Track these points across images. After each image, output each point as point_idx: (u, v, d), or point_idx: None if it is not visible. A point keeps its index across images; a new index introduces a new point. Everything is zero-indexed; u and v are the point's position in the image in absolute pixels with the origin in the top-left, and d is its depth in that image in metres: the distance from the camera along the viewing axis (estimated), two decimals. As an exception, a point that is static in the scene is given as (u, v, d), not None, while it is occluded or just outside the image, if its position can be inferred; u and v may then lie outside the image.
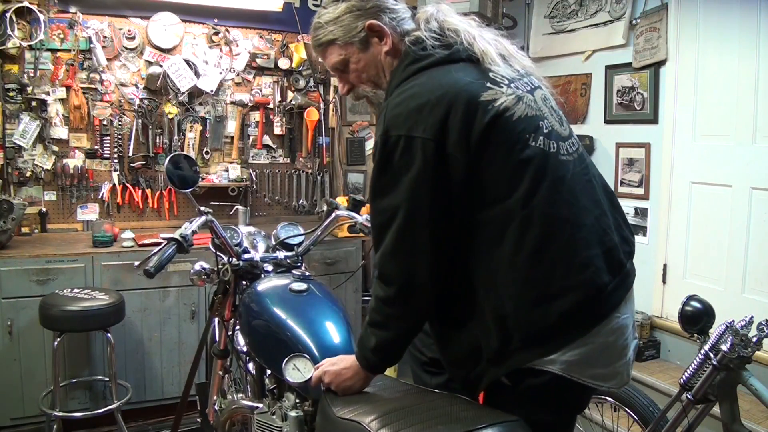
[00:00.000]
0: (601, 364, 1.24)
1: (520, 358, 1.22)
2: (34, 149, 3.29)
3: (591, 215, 1.26)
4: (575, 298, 1.20)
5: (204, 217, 1.86)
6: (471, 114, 1.20)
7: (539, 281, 1.20)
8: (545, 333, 1.21)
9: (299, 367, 1.54)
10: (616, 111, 3.49)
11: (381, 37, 1.37)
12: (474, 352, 1.27)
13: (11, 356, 2.80)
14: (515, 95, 1.26)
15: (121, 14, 3.42)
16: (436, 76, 1.27)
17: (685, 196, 3.17)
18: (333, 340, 1.64)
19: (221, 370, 2.10)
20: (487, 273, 1.23)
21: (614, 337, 1.25)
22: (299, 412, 1.59)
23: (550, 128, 1.28)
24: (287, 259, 2.01)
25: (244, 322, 1.84)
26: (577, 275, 1.21)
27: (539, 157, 1.23)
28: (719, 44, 2.98)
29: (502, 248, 1.21)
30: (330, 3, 1.41)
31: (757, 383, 1.75)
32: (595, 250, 1.24)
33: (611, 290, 1.24)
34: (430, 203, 1.22)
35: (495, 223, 1.21)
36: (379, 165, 1.26)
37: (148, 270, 1.63)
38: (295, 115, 3.89)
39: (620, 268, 1.28)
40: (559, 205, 1.22)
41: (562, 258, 1.21)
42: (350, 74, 1.43)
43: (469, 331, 1.28)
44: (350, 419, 1.26)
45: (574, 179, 1.27)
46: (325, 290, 1.86)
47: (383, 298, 1.30)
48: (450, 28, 1.32)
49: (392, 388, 1.43)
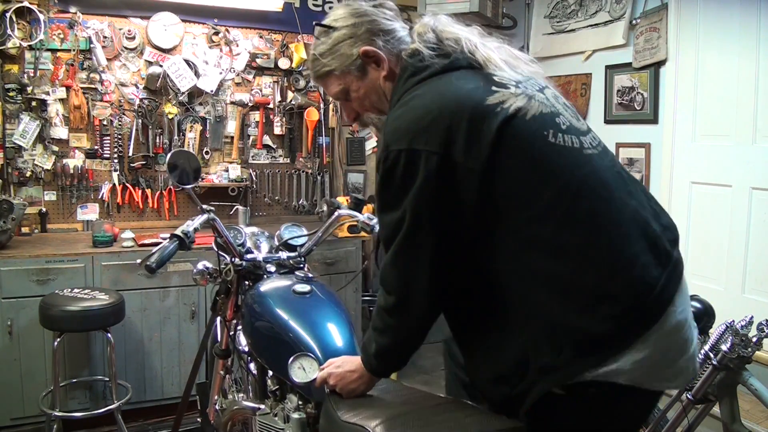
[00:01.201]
0: (666, 364, 1.16)
1: (574, 368, 1.12)
2: (34, 149, 3.29)
3: (628, 208, 1.18)
4: (626, 299, 1.12)
5: (206, 215, 1.86)
6: (477, 121, 1.15)
7: (586, 285, 1.12)
8: (600, 339, 1.11)
9: (305, 367, 1.53)
10: (616, 111, 3.49)
11: (377, 62, 1.33)
12: (520, 364, 1.17)
13: (11, 356, 2.79)
14: (525, 94, 1.20)
15: (121, 14, 3.42)
16: (436, 86, 1.23)
17: (685, 196, 3.17)
18: (336, 341, 1.64)
19: (222, 370, 2.10)
20: (523, 283, 1.16)
21: (675, 335, 1.16)
22: (302, 414, 1.59)
23: (568, 123, 1.22)
24: (290, 259, 2.01)
25: (247, 323, 1.83)
26: (624, 274, 1.13)
27: (563, 154, 1.17)
28: (719, 44, 2.98)
29: (537, 256, 1.14)
30: (322, 33, 1.37)
31: (757, 383, 1.76)
32: (639, 244, 1.16)
33: (663, 284, 1.15)
34: (433, 217, 1.18)
35: (524, 229, 1.15)
36: (381, 180, 1.23)
37: (150, 266, 1.63)
38: (295, 115, 3.89)
39: (668, 259, 1.18)
40: (594, 201, 1.16)
41: (606, 257, 1.13)
42: (353, 102, 1.41)
43: (512, 343, 1.19)
44: (355, 423, 1.26)
45: (604, 173, 1.20)
46: (328, 292, 1.85)
47: (383, 306, 1.30)
48: (449, 37, 1.28)
49: (397, 392, 1.43)
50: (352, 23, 1.33)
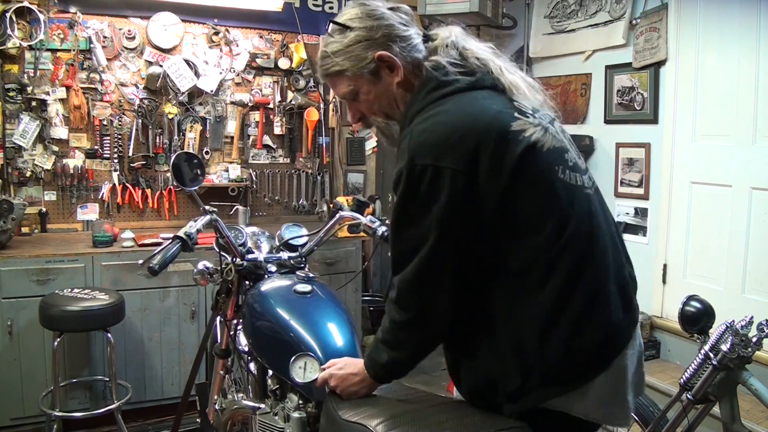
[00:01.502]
0: (614, 403, 1.23)
1: (538, 395, 1.18)
2: (34, 149, 3.29)
3: (610, 250, 1.25)
4: (597, 336, 1.18)
5: (209, 216, 1.86)
6: (503, 145, 1.16)
7: (564, 318, 1.16)
8: (567, 371, 1.17)
9: (306, 367, 1.53)
10: (616, 111, 3.49)
11: (392, 68, 1.30)
12: (490, 385, 1.23)
13: (11, 356, 2.79)
14: (541, 126, 1.23)
15: (121, 14, 3.42)
16: (463, 104, 1.22)
17: (685, 196, 3.17)
18: (337, 342, 1.64)
19: (222, 369, 2.10)
20: (509, 305, 1.20)
21: (625, 375, 1.23)
22: (302, 413, 1.59)
23: (573, 161, 1.26)
24: (291, 259, 2.01)
25: (248, 323, 1.83)
26: (599, 313, 1.19)
27: (568, 190, 1.21)
28: (719, 44, 2.99)
29: (528, 281, 1.18)
30: (336, 31, 1.33)
31: (757, 383, 1.76)
32: (612, 287, 1.22)
33: (625, 327, 1.23)
34: (457, 235, 1.18)
35: (524, 255, 1.18)
36: (404, 193, 1.20)
37: (152, 267, 1.64)
38: (295, 115, 3.89)
39: (630, 305, 1.27)
40: (587, 239, 1.20)
41: (587, 295, 1.18)
42: (361, 104, 1.38)
43: (485, 364, 1.24)
44: (356, 422, 1.26)
45: (596, 214, 1.25)
46: (329, 292, 1.85)
47: (398, 321, 1.28)
48: (476, 56, 1.28)
49: (398, 391, 1.43)
50: (369, 26, 1.30)
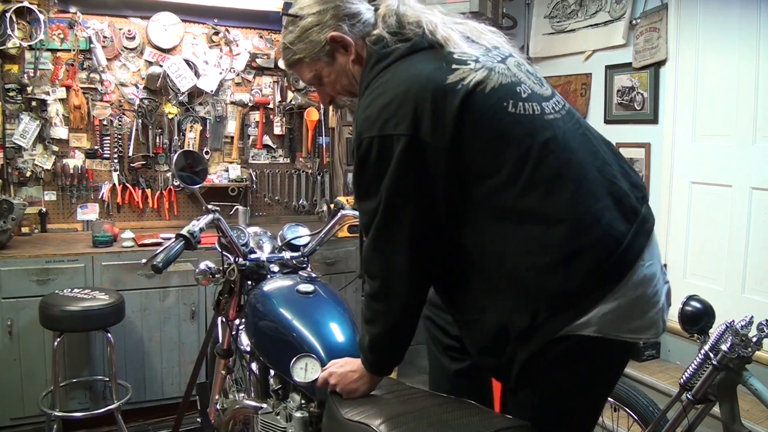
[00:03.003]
0: (635, 316, 1.20)
1: (549, 328, 1.17)
2: (34, 149, 3.29)
3: (592, 167, 1.23)
4: (595, 254, 1.17)
5: (212, 215, 1.86)
6: (439, 100, 1.19)
7: (554, 245, 1.17)
8: (571, 296, 1.17)
9: (307, 368, 1.53)
10: (616, 111, 3.49)
11: (345, 47, 1.35)
12: (500, 333, 1.22)
13: (11, 356, 2.79)
14: (485, 67, 1.23)
15: (121, 14, 3.42)
16: (400, 71, 1.26)
17: (685, 196, 3.17)
18: (339, 342, 1.64)
19: (224, 369, 2.10)
20: (495, 251, 1.21)
21: (643, 287, 1.20)
22: (304, 413, 1.59)
23: (529, 91, 1.26)
24: (293, 259, 2.01)
25: (250, 323, 1.83)
26: (591, 231, 1.18)
27: (522, 122, 1.21)
28: (719, 44, 2.99)
29: (504, 222, 1.19)
30: (290, 22, 1.39)
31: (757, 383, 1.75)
32: (604, 201, 1.21)
33: (630, 239, 1.20)
34: (408, 198, 1.21)
35: (490, 199, 1.20)
36: (356, 169, 1.27)
37: (156, 265, 1.64)
38: (295, 115, 3.89)
39: (635, 214, 1.24)
40: (555, 165, 1.20)
41: (571, 216, 1.18)
42: (326, 87, 1.44)
43: (491, 314, 1.24)
44: (358, 421, 1.26)
45: (566, 135, 1.24)
46: (331, 292, 1.86)
47: (369, 293, 1.33)
48: (410, 21, 1.30)
49: (400, 391, 1.43)
50: (318, 10, 1.35)
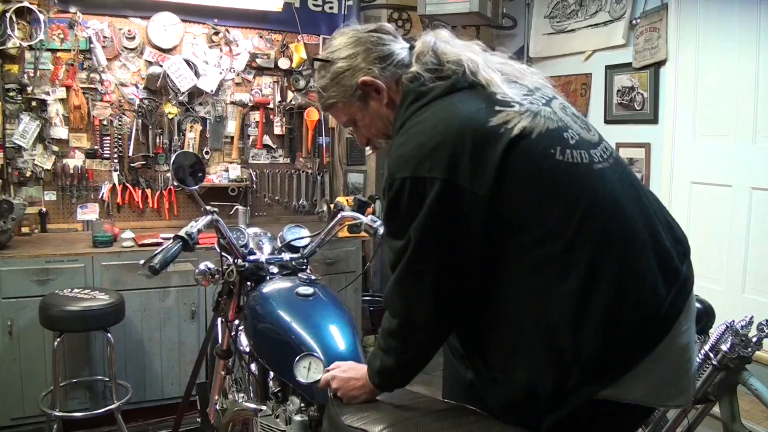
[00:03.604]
0: (670, 384, 1.16)
1: (581, 393, 1.11)
2: (34, 149, 3.29)
3: (639, 223, 1.16)
4: (635, 318, 1.10)
5: (210, 216, 1.86)
6: (481, 143, 1.13)
7: (595, 306, 1.09)
8: (607, 361, 1.10)
9: (311, 367, 1.52)
10: (616, 111, 3.49)
11: (377, 90, 1.32)
12: (530, 394, 1.15)
13: (11, 356, 2.79)
14: (530, 111, 1.18)
15: (121, 14, 3.42)
16: (439, 110, 1.21)
17: (685, 196, 3.17)
18: (339, 345, 1.63)
19: (223, 370, 2.09)
20: (532, 305, 1.14)
21: (678, 355, 1.16)
22: (304, 417, 1.59)
23: (577, 137, 1.19)
24: (293, 261, 2.01)
25: (249, 325, 1.83)
26: (634, 293, 1.11)
27: (571, 171, 1.15)
28: (719, 44, 2.98)
29: (545, 277, 1.12)
30: (320, 67, 1.38)
31: (757, 383, 1.76)
32: (649, 261, 1.14)
33: (670, 303, 1.14)
34: (437, 245, 1.16)
35: (532, 251, 1.13)
36: (387, 209, 1.21)
37: (153, 267, 1.63)
38: (295, 115, 3.89)
39: (677, 276, 1.17)
40: (604, 220, 1.13)
41: (617, 277, 1.11)
42: (361, 129, 1.42)
43: (520, 373, 1.16)
44: (359, 428, 1.26)
45: (615, 187, 1.17)
46: (331, 295, 1.85)
47: (387, 329, 1.29)
48: (450, 59, 1.25)
49: (401, 396, 1.42)
50: (349, 54, 1.33)
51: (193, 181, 1.95)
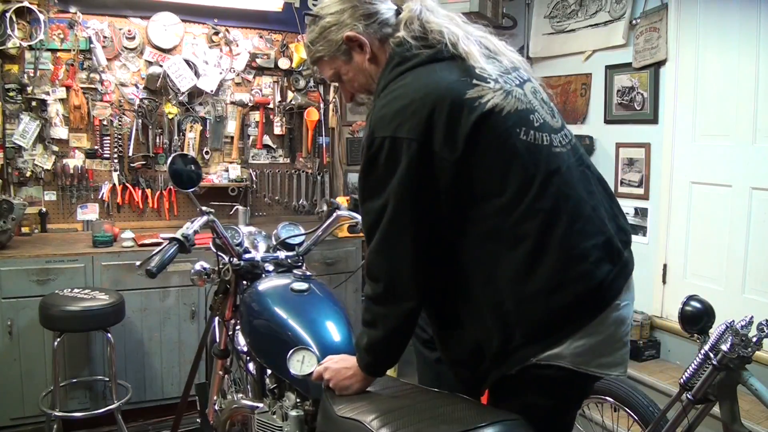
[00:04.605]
0: (606, 353, 1.26)
1: (523, 354, 1.23)
2: (34, 149, 3.29)
3: (588, 206, 1.27)
4: (576, 290, 1.21)
5: (206, 216, 1.86)
6: (456, 113, 1.21)
7: (539, 275, 1.20)
8: (548, 327, 1.22)
9: (304, 360, 1.53)
10: (616, 111, 3.49)
11: (361, 46, 1.38)
12: (476, 351, 1.28)
13: (11, 356, 2.79)
14: (503, 90, 1.26)
15: (121, 14, 3.42)
16: (421, 76, 1.27)
17: (685, 196, 3.17)
18: (334, 339, 1.64)
19: (221, 370, 2.10)
20: (484, 270, 1.24)
21: (616, 326, 1.27)
22: (300, 412, 1.60)
23: (541, 121, 1.29)
24: (288, 258, 2.01)
25: (245, 322, 1.84)
26: (576, 267, 1.22)
27: (531, 150, 1.24)
28: (719, 44, 2.98)
29: (498, 244, 1.22)
30: (311, 22, 1.44)
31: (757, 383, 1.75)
32: (593, 240, 1.25)
33: (611, 279, 1.25)
34: (415, 203, 1.23)
35: (489, 219, 1.22)
36: (365, 167, 1.28)
37: (150, 270, 1.63)
38: (295, 115, 3.89)
39: (619, 257, 1.29)
40: (555, 198, 1.23)
41: (561, 251, 1.21)
42: (345, 84, 1.47)
43: (469, 331, 1.29)
44: (351, 418, 1.27)
45: (569, 171, 1.28)
46: (326, 290, 1.86)
47: (371, 296, 1.33)
48: (433, 29, 1.32)
49: (393, 387, 1.44)
50: (336, 10, 1.39)
51: (190, 184, 1.94)
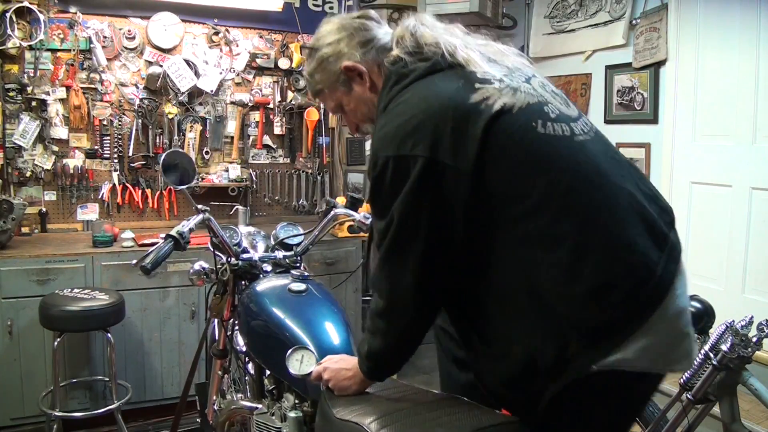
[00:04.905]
0: (673, 348, 1.16)
1: (581, 362, 1.11)
2: (34, 149, 3.29)
3: (624, 192, 1.17)
4: (628, 284, 1.11)
5: (201, 215, 1.86)
6: (462, 121, 1.15)
7: (586, 275, 1.10)
8: (605, 329, 1.10)
9: (303, 360, 1.52)
10: (616, 111, 3.49)
11: (360, 75, 1.34)
12: (529, 365, 1.15)
13: (11, 356, 2.79)
14: (510, 87, 1.19)
15: (121, 14, 3.42)
16: (420, 90, 1.22)
17: (685, 196, 3.17)
18: (332, 340, 1.64)
19: (220, 370, 2.10)
20: (524, 278, 1.14)
21: (677, 318, 1.15)
22: (298, 413, 1.59)
23: (557, 111, 1.21)
24: (286, 259, 2.01)
25: (243, 322, 1.83)
26: (624, 260, 1.12)
27: (553, 144, 1.16)
28: (719, 44, 2.98)
29: (534, 248, 1.13)
30: (308, 54, 1.41)
31: (757, 383, 1.76)
32: (637, 228, 1.14)
33: (663, 267, 1.14)
34: (422, 221, 1.17)
35: (520, 224, 1.14)
36: (372, 188, 1.24)
37: (145, 266, 1.64)
38: (295, 115, 3.89)
39: (665, 241, 1.17)
40: (588, 189, 1.14)
41: (604, 244, 1.12)
42: (349, 115, 1.44)
43: (518, 345, 1.17)
44: (350, 420, 1.26)
45: (597, 159, 1.19)
46: (324, 290, 1.85)
47: (374, 309, 1.31)
48: (428, 41, 1.27)
49: (392, 389, 1.43)
50: (333, 40, 1.35)
51: (183, 180, 1.94)
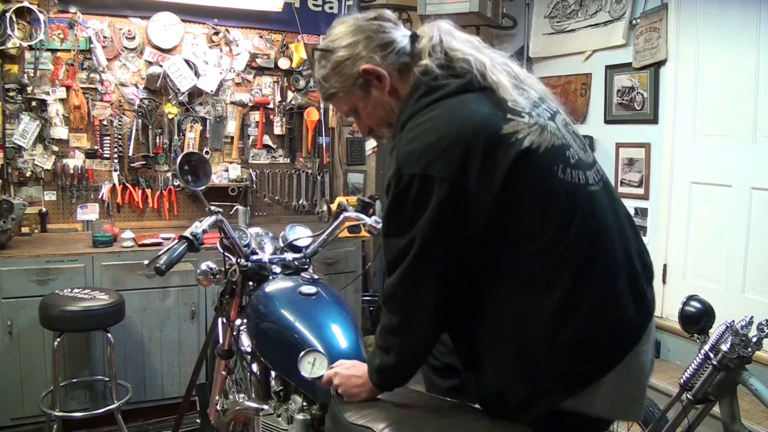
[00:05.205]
0: (629, 399, 1.23)
1: (550, 400, 1.16)
2: (34, 149, 3.29)
3: (620, 248, 1.22)
4: (607, 337, 1.17)
5: (215, 216, 1.86)
6: (493, 150, 1.13)
7: (574, 323, 1.14)
8: (577, 373, 1.16)
9: (315, 363, 1.52)
10: (616, 111, 3.49)
11: (379, 78, 1.30)
12: (498, 396, 1.22)
13: (11, 356, 2.79)
14: (538, 125, 1.19)
15: (121, 14, 3.42)
16: (452, 109, 1.19)
17: (685, 196, 3.17)
18: (341, 344, 1.63)
19: (224, 370, 2.09)
20: (512, 314, 1.18)
21: (637, 371, 1.22)
22: (306, 416, 1.59)
23: (576, 157, 1.22)
24: (295, 260, 2.00)
25: (252, 324, 1.83)
26: (608, 314, 1.17)
27: (570, 191, 1.18)
28: (719, 44, 2.99)
29: (531, 288, 1.16)
30: (321, 57, 1.35)
31: (757, 383, 1.76)
32: (622, 284, 1.20)
33: (637, 323, 1.21)
34: (442, 246, 1.17)
35: (524, 262, 1.16)
36: (392, 204, 1.20)
37: (159, 267, 1.63)
38: (295, 115, 3.89)
39: (644, 299, 1.24)
40: (591, 242, 1.17)
41: (594, 297, 1.16)
42: (363, 119, 1.40)
43: (491, 377, 1.23)
44: (362, 425, 1.26)
45: (603, 211, 1.22)
46: (333, 294, 1.85)
47: (386, 326, 1.30)
48: (458, 57, 1.25)
49: (405, 395, 1.42)
50: (349, 42, 1.31)
51: (199, 182, 1.95)
